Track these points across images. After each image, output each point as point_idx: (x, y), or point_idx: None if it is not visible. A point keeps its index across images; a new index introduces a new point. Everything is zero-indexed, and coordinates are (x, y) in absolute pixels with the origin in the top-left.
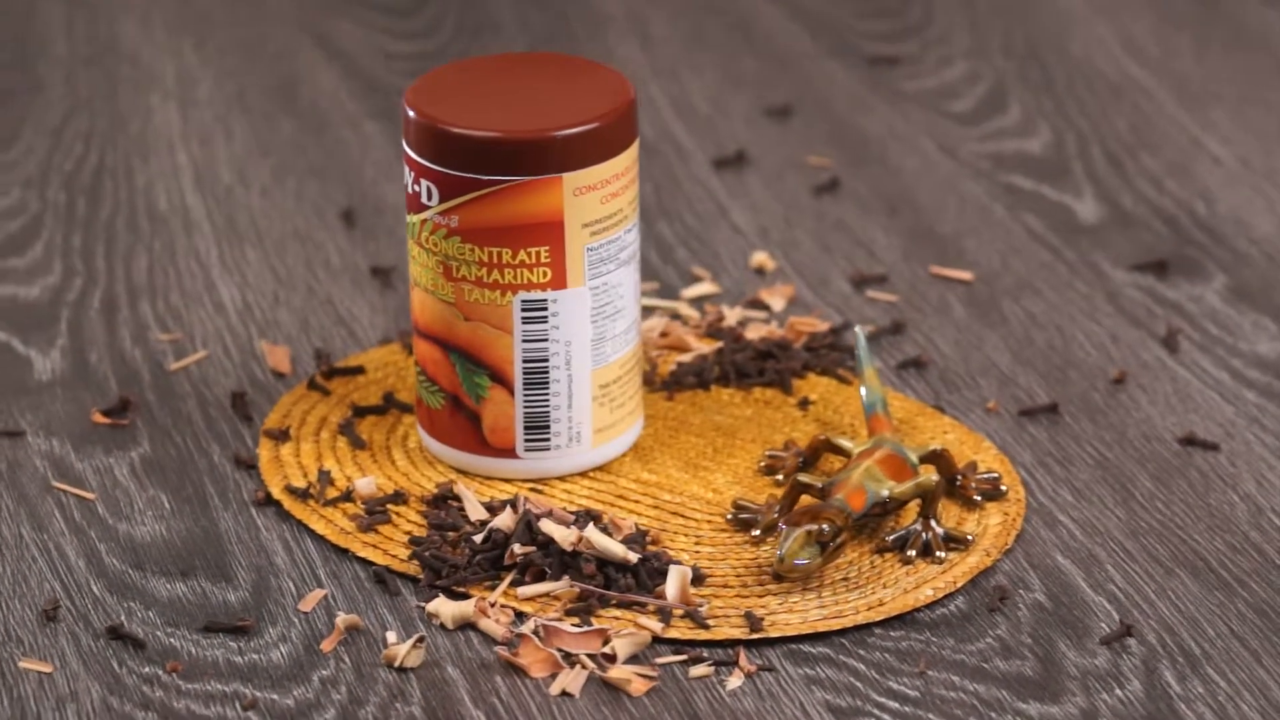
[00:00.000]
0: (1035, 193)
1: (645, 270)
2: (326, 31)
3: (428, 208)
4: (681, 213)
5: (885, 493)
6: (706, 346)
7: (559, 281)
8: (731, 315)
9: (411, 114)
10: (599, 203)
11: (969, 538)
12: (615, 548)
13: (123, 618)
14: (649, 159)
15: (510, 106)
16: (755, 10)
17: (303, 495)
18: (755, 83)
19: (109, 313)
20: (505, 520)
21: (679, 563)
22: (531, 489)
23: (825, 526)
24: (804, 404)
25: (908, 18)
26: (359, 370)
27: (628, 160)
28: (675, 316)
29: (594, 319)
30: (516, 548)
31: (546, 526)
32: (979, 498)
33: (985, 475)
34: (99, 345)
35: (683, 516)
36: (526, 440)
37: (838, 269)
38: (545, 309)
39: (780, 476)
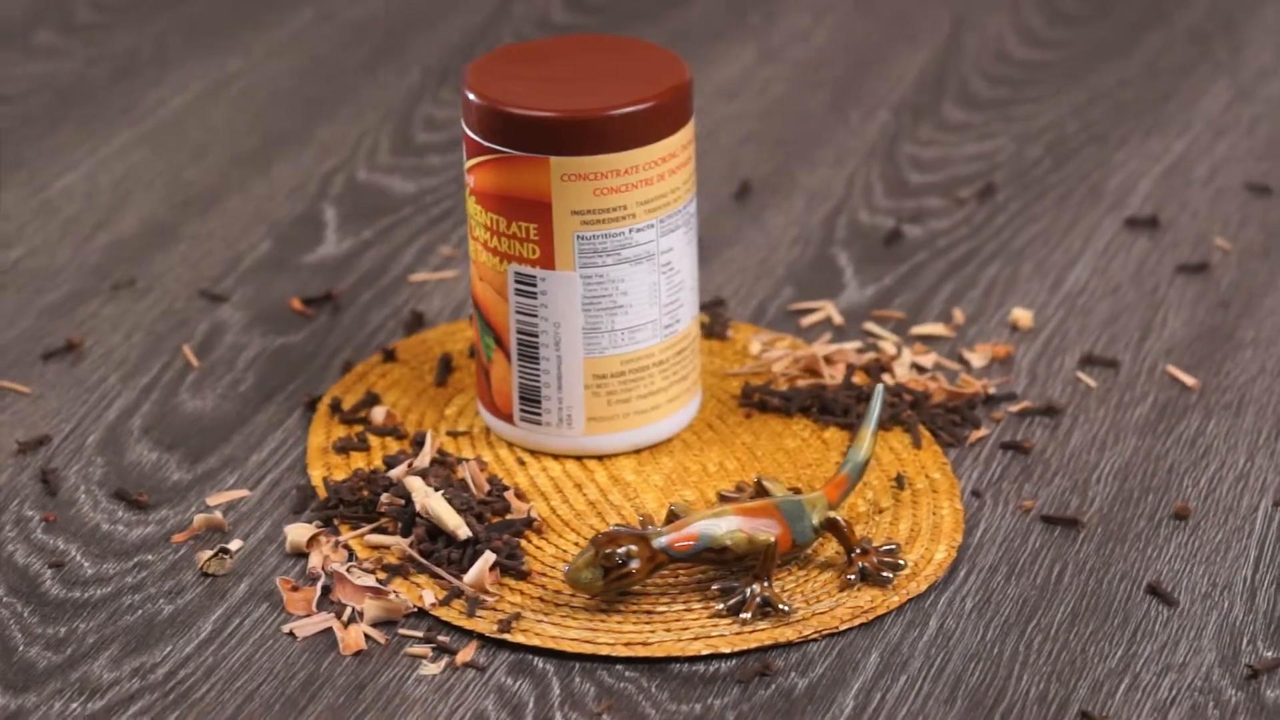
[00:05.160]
0: None
1: (918, 303)
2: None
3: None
4: (1030, 258)
5: (717, 532)
6: (838, 377)
7: (547, 262)
8: (918, 359)
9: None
10: (591, 194)
11: (784, 608)
12: (449, 520)
13: (72, 467)
14: (1085, 205)
15: (540, 83)
16: None
17: (335, 408)
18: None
19: (443, 220)
20: (399, 471)
21: (517, 553)
22: (518, 459)
23: (619, 552)
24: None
25: None
26: None
27: (633, 161)
28: (871, 347)
29: (585, 308)
30: (384, 497)
31: (409, 484)
32: (852, 577)
33: (893, 560)
34: (390, 244)
35: (604, 520)
36: (521, 410)
37: (1091, 345)
38: (535, 285)
39: None
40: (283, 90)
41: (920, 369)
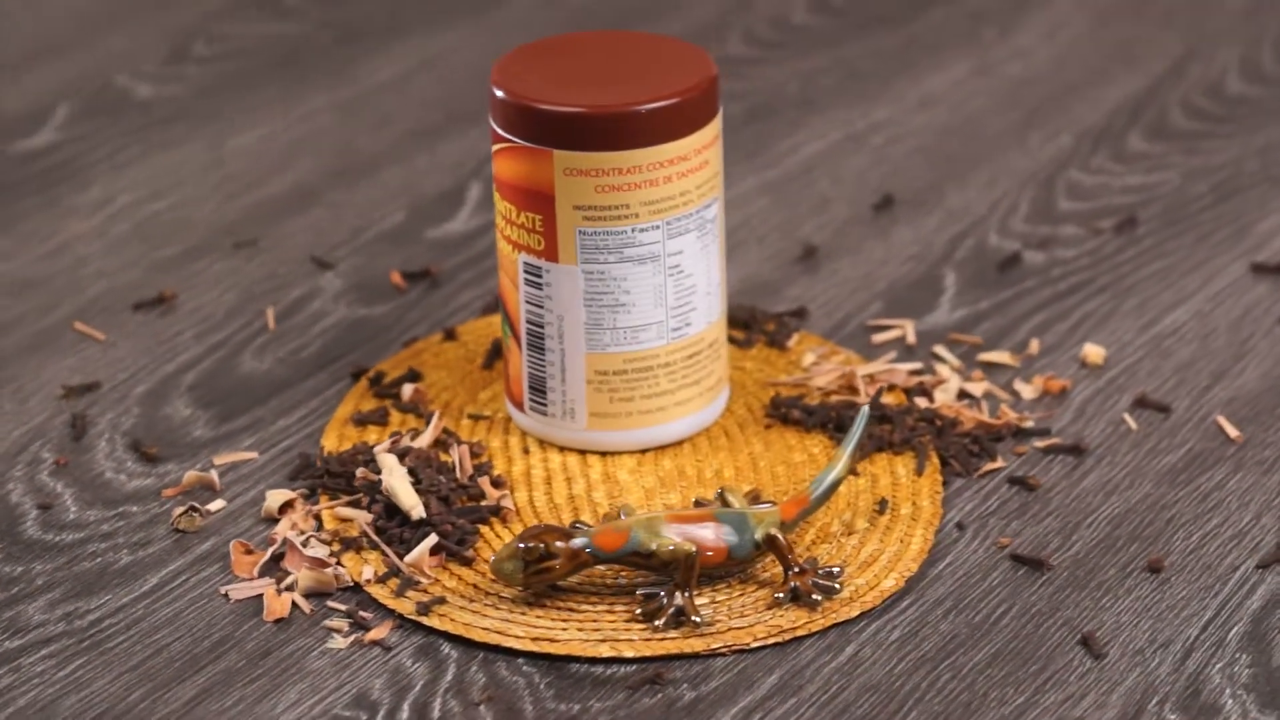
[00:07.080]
0: None
1: (1002, 330)
2: None
3: None
4: (1138, 294)
5: (642, 540)
6: (870, 393)
7: (551, 254)
8: (969, 386)
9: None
10: (593, 190)
11: (697, 620)
12: (405, 499)
13: (106, 415)
14: (1221, 246)
15: (558, 77)
16: None
17: (375, 381)
18: None
19: None
20: (381, 446)
21: (468, 539)
22: (524, 447)
23: (540, 547)
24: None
25: None
26: None
27: (635, 161)
28: (929, 370)
29: (587, 303)
30: (359, 472)
31: (382, 460)
32: (781, 596)
33: (828, 584)
34: None
35: (578, 516)
36: (530, 399)
37: (1155, 388)
38: (540, 276)
39: None
40: (480, 70)
41: (966, 396)
